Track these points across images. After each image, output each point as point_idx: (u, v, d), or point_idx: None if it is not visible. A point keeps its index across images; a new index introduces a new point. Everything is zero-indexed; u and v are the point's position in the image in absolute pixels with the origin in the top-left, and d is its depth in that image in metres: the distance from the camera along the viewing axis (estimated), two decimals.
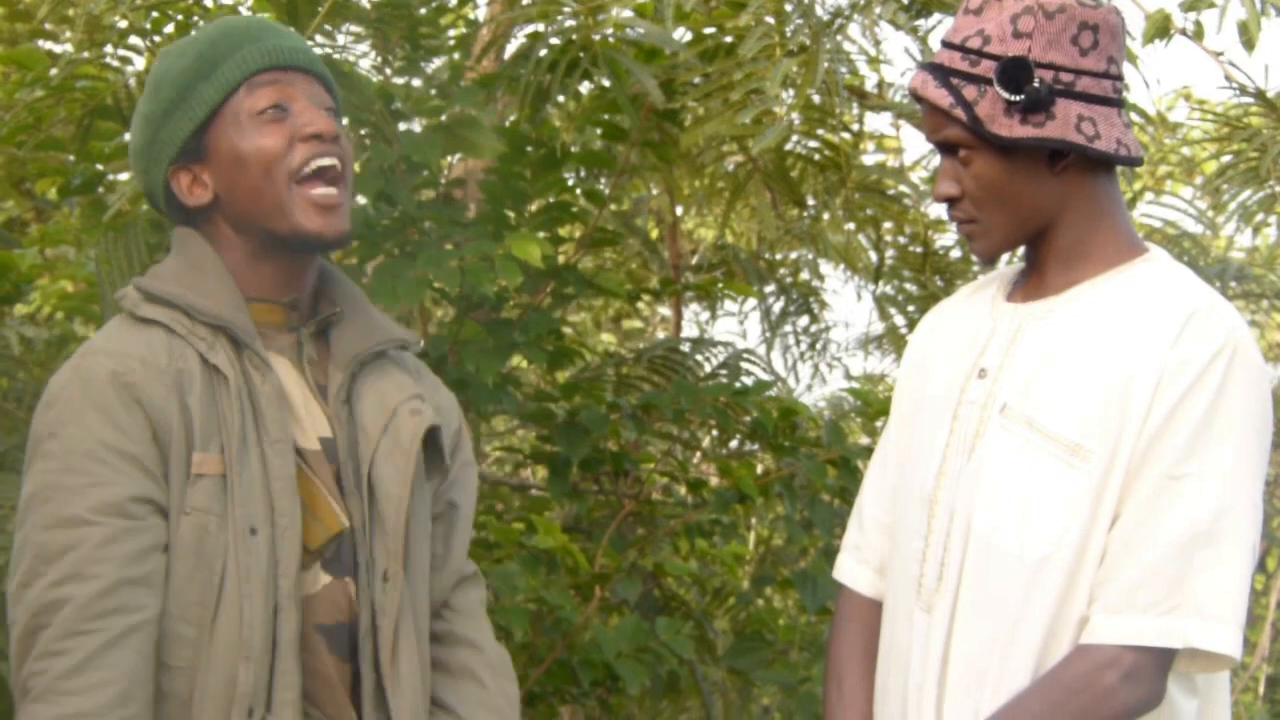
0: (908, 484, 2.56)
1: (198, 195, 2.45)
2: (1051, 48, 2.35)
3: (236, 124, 2.41)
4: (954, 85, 2.39)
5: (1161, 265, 2.45)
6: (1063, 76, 2.36)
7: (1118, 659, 2.26)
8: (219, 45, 2.43)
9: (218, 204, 2.45)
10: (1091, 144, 2.36)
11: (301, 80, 2.45)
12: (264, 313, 2.47)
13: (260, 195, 2.40)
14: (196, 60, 2.43)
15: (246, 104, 2.40)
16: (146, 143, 2.47)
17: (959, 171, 2.44)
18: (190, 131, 2.42)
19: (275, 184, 2.39)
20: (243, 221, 2.44)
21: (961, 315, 2.63)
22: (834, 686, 2.65)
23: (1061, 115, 2.35)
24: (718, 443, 6.02)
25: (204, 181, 2.44)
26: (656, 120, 4.59)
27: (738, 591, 5.76)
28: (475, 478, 2.75)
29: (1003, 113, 2.36)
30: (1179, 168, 7.52)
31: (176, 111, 2.43)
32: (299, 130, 2.40)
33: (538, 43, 4.25)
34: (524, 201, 4.46)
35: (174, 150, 2.44)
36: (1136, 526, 2.28)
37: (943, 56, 2.44)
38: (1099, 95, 2.38)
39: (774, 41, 4.04)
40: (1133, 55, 4.50)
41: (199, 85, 2.42)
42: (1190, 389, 2.28)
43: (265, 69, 2.42)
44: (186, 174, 2.45)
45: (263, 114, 2.40)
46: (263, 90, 2.41)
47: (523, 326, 4.48)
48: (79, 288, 4.81)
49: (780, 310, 6.76)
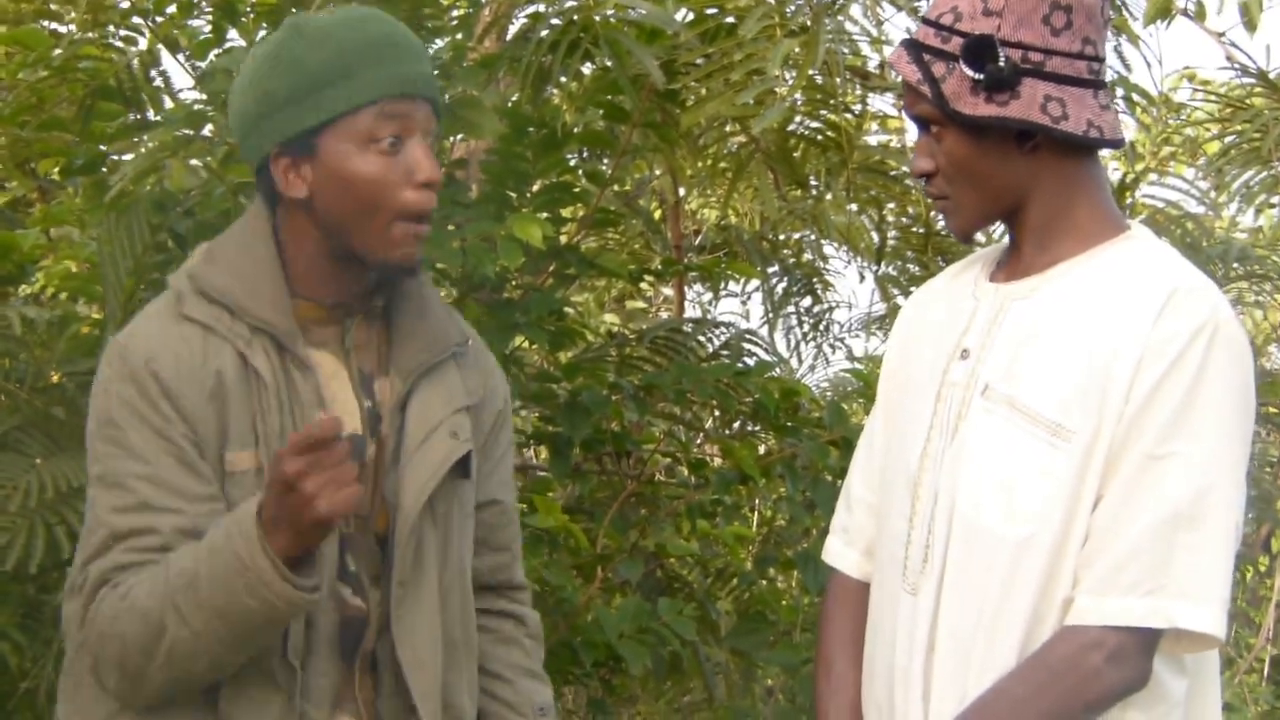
0: (893, 465, 2.56)
1: (294, 187, 2.45)
2: (1021, 26, 2.35)
3: (354, 141, 2.41)
4: (925, 61, 2.40)
5: (1143, 243, 2.45)
6: (1032, 56, 2.35)
7: (1102, 640, 2.25)
8: (363, 54, 2.41)
9: (309, 202, 2.46)
10: (1057, 125, 2.35)
11: (422, 111, 2.46)
12: (308, 309, 2.51)
13: (360, 220, 2.43)
14: (335, 59, 2.41)
15: (367, 126, 2.41)
16: (259, 116, 2.46)
17: (933, 147, 2.45)
18: (304, 128, 2.42)
19: (380, 217, 2.42)
20: (331, 230, 2.46)
21: (945, 295, 2.63)
22: (823, 671, 2.65)
23: (1027, 95, 2.35)
24: (720, 423, 6.02)
25: (304, 176, 2.44)
26: (658, 101, 4.58)
27: (740, 572, 5.75)
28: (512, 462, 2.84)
29: (969, 90, 2.36)
30: (1181, 148, 7.51)
31: (302, 103, 2.42)
32: (413, 174, 2.42)
33: (539, 23, 4.26)
34: (526, 182, 4.46)
35: (284, 137, 2.43)
36: (1119, 507, 2.28)
37: (920, 32, 2.44)
38: (1071, 76, 2.37)
39: (774, 22, 4.04)
40: (1134, 35, 4.50)
41: (328, 89, 2.41)
42: (1171, 368, 2.28)
43: (397, 96, 2.42)
44: (288, 163, 2.45)
45: (379, 141, 2.41)
46: (389, 121, 2.41)
47: (524, 307, 4.48)
48: (82, 268, 4.81)
49: (783, 291, 6.76)
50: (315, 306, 2.51)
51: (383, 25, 2.47)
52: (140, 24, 4.38)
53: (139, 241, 4.08)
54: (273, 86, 2.44)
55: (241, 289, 2.44)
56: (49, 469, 3.85)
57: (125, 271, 4.07)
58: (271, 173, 2.47)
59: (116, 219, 4.11)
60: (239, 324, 2.42)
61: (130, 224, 4.10)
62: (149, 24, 4.37)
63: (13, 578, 4.02)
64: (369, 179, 2.40)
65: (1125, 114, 5.51)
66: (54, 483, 3.80)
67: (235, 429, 2.39)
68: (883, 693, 2.48)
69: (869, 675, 2.55)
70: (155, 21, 4.37)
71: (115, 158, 4.53)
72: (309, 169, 2.44)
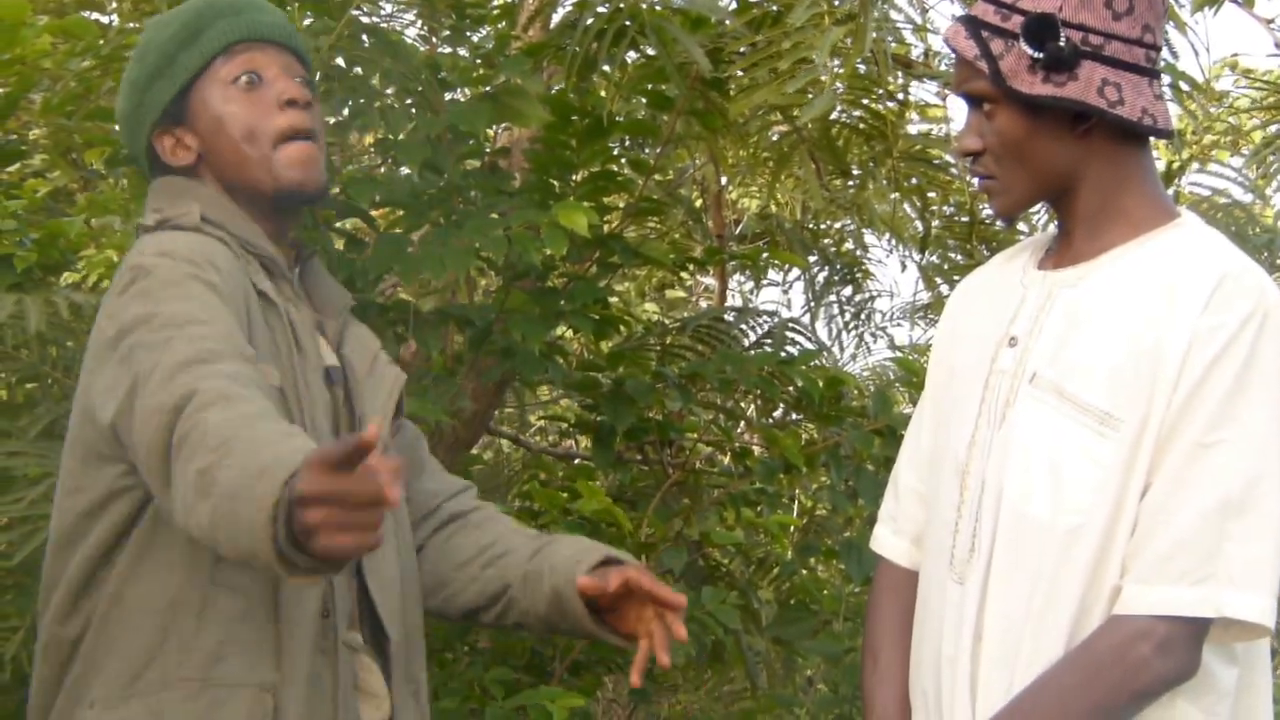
0: (941, 453, 2.56)
1: (181, 156, 2.59)
2: (1083, 8, 2.35)
3: (215, 90, 2.56)
4: (983, 38, 2.40)
5: (1192, 231, 2.43)
6: (1092, 38, 2.35)
7: (1151, 630, 2.24)
8: (203, 16, 2.58)
9: (202, 164, 2.59)
10: (1113, 109, 2.35)
11: (276, 52, 2.61)
12: None
13: (243, 156, 2.55)
14: (181, 29, 2.58)
15: (224, 71, 2.56)
16: (132, 107, 2.61)
17: (983, 126, 2.45)
18: (172, 96, 2.57)
19: (258, 146, 2.54)
20: (228, 180, 2.57)
21: (994, 283, 2.62)
22: (870, 660, 2.65)
23: (1085, 77, 2.34)
24: (762, 412, 6.01)
25: (186, 144, 2.58)
26: (703, 89, 4.57)
27: (782, 561, 5.74)
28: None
29: (1026, 69, 2.36)
30: (1225, 136, 7.47)
31: (160, 77, 2.58)
32: (277, 97, 2.56)
33: (584, 11, 4.25)
34: (570, 171, 4.46)
35: (156, 113, 2.59)
36: (1168, 495, 2.26)
37: (978, 9, 2.44)
38: (1129, 62, 2.36)
39: (822, 10, 4.03)
40: (1181, 22, 4.47)
41: (181, 53, 2.57)
42: (1220, 355, 2.26)
43: (242, 40, 2.58)
44: (169, 137, 2.60)
45: (237, 81, 2.56)
46: (239, 59, 2.57)
47: (568, 295, 4.48)
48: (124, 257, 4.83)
49: (825, 280, 6.76)
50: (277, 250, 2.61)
51: None
52: None
53: None
54: (135, 75, 2.62)
55: (229, 221, 2.54)
56: None
57: None
58: (158, 154, 2.60)
59: None
60: (245, 254, 2.52)
61: None
62: None
63: None
64: (235, 114, 2.54)
65: (1171, 101, 5.49)
66: None
67: (258, 345, 2.41)
68: (930, 681, 2.47)
69: (916, 664, 2.55)
70: None
71: None
72: (188, 135, 2.58)
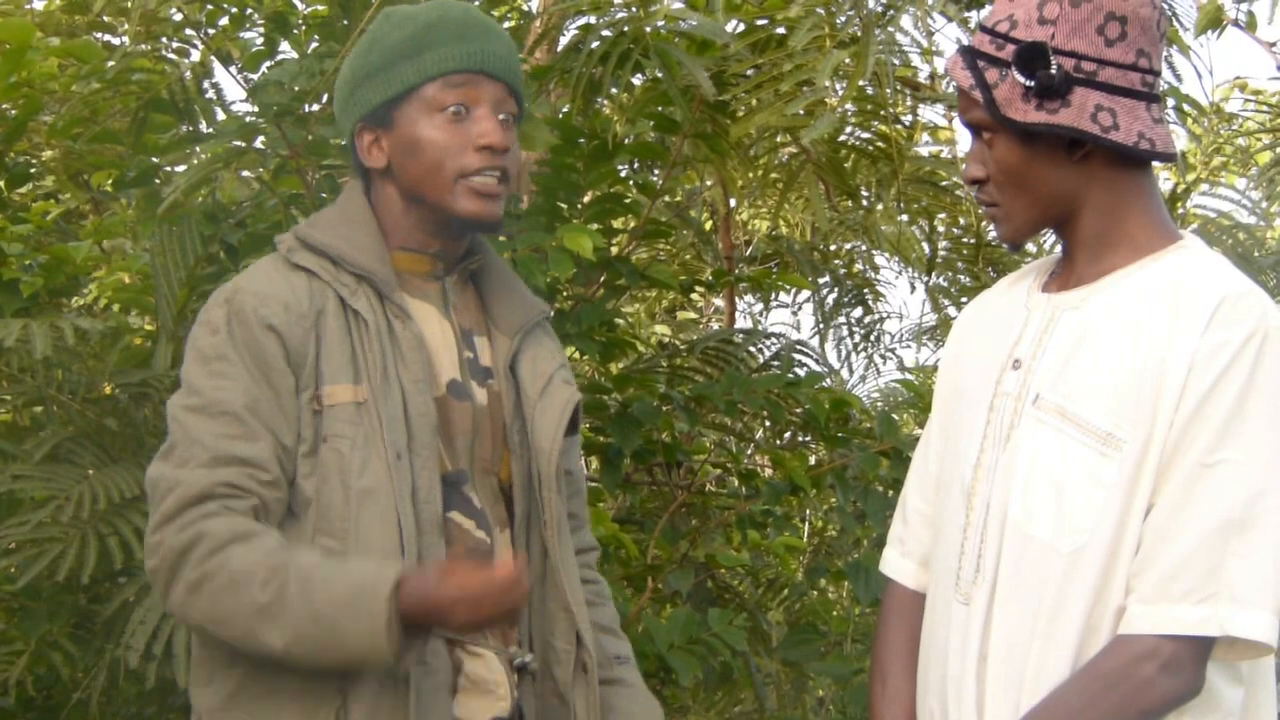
0: (948, 475, 2.56)
1: (374, 157, 2.69)
2: (1075, 36, 2.35)
3: (421, 112, 2.63)
4: (979, 68, 2.41)
5: (1194, 253, 2.44)
6: (1084, 65, 2.35)
7: (1156, 649, 2.24)
8: (433, 32, 2.64)
9: (389, 171, 2.68)
10: (1106, 134, 2.36)
11: (491, 87, 2.66)
12: (410, 261, 2.72)
13: (427, 182, 2.63)
14: (410, 39, 2.65)
15: (435, 96, 2.63)
16: (345, 96, 2.72)
17: (985, 154, 2.46)
18: (382, 100, 2.65)
19: (444, 175, 2.62)
20: (409, 194, 2.67)
21: (999, 306, 2.63)
22: (878, 682, 2.66)
23: (1078, 104, 2.35)
24: (770, 434, 6.01)
25: (382, 147, 2.68)
26: (708, 112, 4.59)
27: (791, 583, 5.74)
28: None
29: (1020, 97, 2.37)
30: (1233, 159, 7.46)
31: (377, 78, 2.66)
32: (475, 138, 2.62)
33: (589, 35, 4.27)
34: (577, 193, 4.48)
35: (364, 110, 2.68)
36: (1171, 515, 2.27)
37: (976, 39, 2.46)
38: (1124, 87, 2.37)
39: (824, 33, 4.04)
40: (1185, 46, 4.47)
41: (401, 63, 2.64)
42: (1222, 375, 2.27)
43: (463, 70, 2.63)
44: (370, 135, 2.69)
45: (445, 110, 2.62)
46: (453, 90, 2.63)
47: (575, 318, 4.49)
48: (134, 279, 4.84)
49: (833, 302, 6.75)
50: (414, 257, 2.71)
51: (462, 9, 2.69)
52: (193, 36, 4.41)
53: (191, 253, 4.11)
54: (358, 65, 2.70)
55: (343, 242, 2.64)
56: (101, 480, 3.87)
57: (177, 283, 4.10)
58: (357, 148, 2.71)
59: (169, 231, 4.14)
60: (342, 273, 2.62)
61: (182, 236, 4.13)
62: (201, 36, 4.39)
63: (64, 588, 4.04)
64: (433, 142, 2.62)
65: (1176, 124, 5.49)
66: (106, 493, 3.82)
67: (333, 365, 2.55)
68: (936, 702, 2.47)
69: (923, 685, 2.55)
70: (208, 34, 4.40)
71: (168, 170, 4.56)
72: (386, 140, 2.67)
